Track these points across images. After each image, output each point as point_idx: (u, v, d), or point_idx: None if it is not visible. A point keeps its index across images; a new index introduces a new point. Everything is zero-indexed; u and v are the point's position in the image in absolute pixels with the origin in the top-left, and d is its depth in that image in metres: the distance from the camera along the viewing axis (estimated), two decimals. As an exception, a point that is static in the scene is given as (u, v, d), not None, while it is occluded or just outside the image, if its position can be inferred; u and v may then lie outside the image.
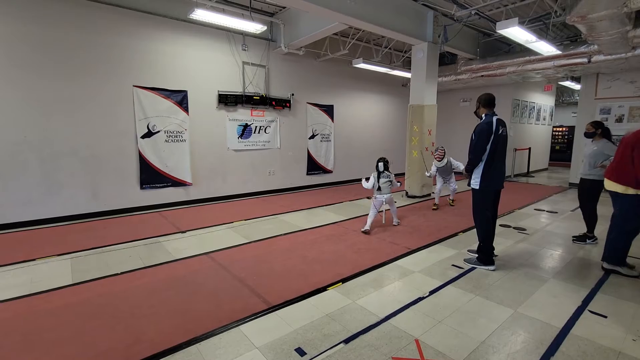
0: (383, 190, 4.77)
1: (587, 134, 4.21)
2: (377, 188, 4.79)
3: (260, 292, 2.97)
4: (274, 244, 4.28)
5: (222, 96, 6.68)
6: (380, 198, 4.78)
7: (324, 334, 2.37)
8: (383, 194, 4.77)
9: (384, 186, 4.75)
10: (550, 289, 3.05)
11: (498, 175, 3.40)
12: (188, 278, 3.28)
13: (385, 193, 4.78)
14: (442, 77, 9.05)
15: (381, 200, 4.78)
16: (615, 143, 3.96)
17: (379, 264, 3.60)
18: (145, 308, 2.71)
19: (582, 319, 2.57)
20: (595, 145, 4.11)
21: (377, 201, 4.78)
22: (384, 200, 4.79)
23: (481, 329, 2.43)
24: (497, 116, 3.40)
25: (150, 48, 5.81)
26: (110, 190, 5.65)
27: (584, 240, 4.30)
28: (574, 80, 10.27)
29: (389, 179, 4.78)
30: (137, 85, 5.71)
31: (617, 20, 4.57)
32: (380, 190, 4.77)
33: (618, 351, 2.19)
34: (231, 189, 7.13)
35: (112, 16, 5.39)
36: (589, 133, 4.19)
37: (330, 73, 8.63)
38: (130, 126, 5.74)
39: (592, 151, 4.12)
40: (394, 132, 10.68)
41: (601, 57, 6.54)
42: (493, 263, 3.50)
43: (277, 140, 7.72)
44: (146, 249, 4.10)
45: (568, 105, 16.10)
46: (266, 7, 6.67)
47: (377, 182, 4.76)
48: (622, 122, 8.01)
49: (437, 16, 6.67)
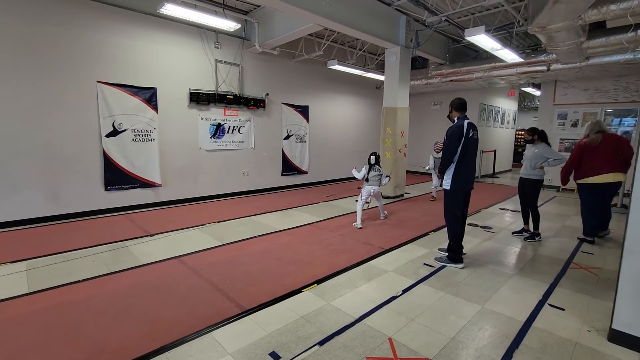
0: (371, 182, 5.13)
1: (527, 140, 4.61)
2: (366, 179, 5.15)
3: (233, 296, 2.90)
4: (248, 246, 4.20)
5: (193, 94, 6.48)
6: (369, 188, 5.12)
7: (299, 336, 2.35)
8: (372, 186, 5.12)
9: (373, 178, 5.11)
10: (514, 285, 3.21)
11: (468, 177, 3.55)
12: (157, 283, 3.14)
13: (373, 185, 5.12)
14: (414, 81, 9.31)
15: (369, 190, 5.12)
16: (551, 145, 4.51)
17: (353, 265, 3.63)
18: (110, 316, 2.57)
19: (543, 312, 2.73)
20: (536, 148, 4.46)
21: (365, 191, 5.14)
22: (371, 191, 5.12)
23: (451, 325, 2.51)
24: (468, 120, 3.54)
25: (117, 43, 5.53)
26: (72, 192, 5.31)
27: (533, 238, 4.55)
28: (535, 87, 10.91)
29: (379, 173, 5.16)
30: (101, 81, 5.41)
31: (573, 32, 4.90)
32: (368, 182, 5.14)
33: (575, 342, 2.34)
34: (203, 190, 6.94)
35: (76, 9, 5.07)
36: (528, 140, 4.58)
37: (305, 74, 8.62)
38: (94, 124, 5.42)
39: (532, 154, 4.47)
40: (368, 134, 10.84)
41: (559, 66, 7.00)
42: (462, 261, 3.64)
43: (251, 140, 7.60)
44: (111, 254, 3.89)
45: (530, 110, 17.10)
46: (240, 4, 6.56)
47: (367, 174, 5.11)
48: (577, 126, 8.62)
49: (409, 21, 6.85)
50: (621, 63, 6.33)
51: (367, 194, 5.15)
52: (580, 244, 4.45)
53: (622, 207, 6.44)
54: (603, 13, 4.48)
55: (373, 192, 5.13)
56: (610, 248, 4.30)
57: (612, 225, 5.43)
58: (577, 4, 3.84)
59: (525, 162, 4.54)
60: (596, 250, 4.23)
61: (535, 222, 4.54)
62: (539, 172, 4.43)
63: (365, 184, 5.19)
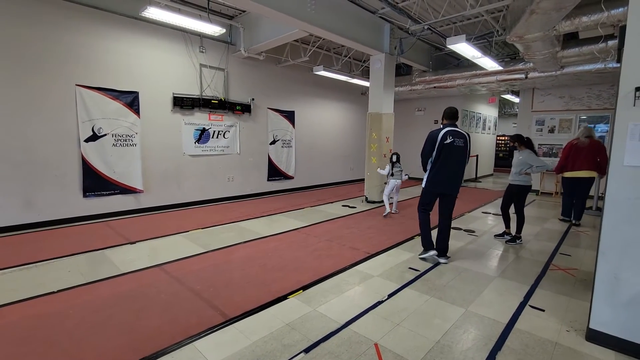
0: (395, 176, 6.16)
1: (511, 147, 4.86)
2: (390, 174, 6.18)
3: (217, 304, 2.84)
4: (233, 253, 4.13)
5: (177, 99, 6.38)
6: (393, 182, 6.12)
7: (284, 344, 2.31)
8: (396, 179, 6.14)
9: (396, 173, 6.17)
10: (496, 287, 3.27)
11: (442, 180, 3.72)
12: (137, 293, 3.04)
13: (397, 178, 6.15)
14: (399, 87, 9.47)
15: (394, 183, 6.13)
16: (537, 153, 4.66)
17: (339, 270, 3.62)
18: (86, 328, 2.46)
19: (524, 313, 2.78)
20: (520, 155, 4.61)
21: (390, 184, 6.17)
22: (396, 183, 6.13)
23: (436, 329, 2.53)
24: (454, 128, 3.72)
25: (98, 45, 5.40)
26: (48, 199, 5.11)
27: (514, 241, 4.66)
28: (514, 94, 11.29)
29: (400, 169, 6.24)
30: (80, 85, 5.26)
31: (548, 42, 5.11)
32: (393, 176, 6.16)
33: (555, 342, 2.39)
34: (187, 196, 6.80)
35: (54, 10, 4.93)
36: (512, 147, 4.80)
37: (291, 79, 8.64)
38: (72, 128, 5.25)
39: (517, 160, 4.65)
40: (354, 139, 10.92)
41: (536, 74, 7.27)
42: (433, 248, 3.89)
43: (236, 145, 7.53)
44: (89, 263, 3.75)
45: (509, 117, 17.67)
46: (225, 9, 6.53)
47: (391, 170, 6.18)
48: (554, 132, 8.95)
49: (393, 29, 6.98)
50: (593, 72, 6.62)
51: (392, 186, 6.14)
52: (559, 246, 4.59)
53: (597, 210, 6.70)
54: (575, 24, 4.69)
55: (397, 184, 6.14)
56: (586, 249, 4.45)
57: (589, 227, 5.64)
58: (552, 16, 4.01)
59: (512, 169, 4.69)
60: (573, 251, 4.37)
61: (519, 226, 4.65)
62: (525, 178, 4.54)
63: (390, 179, 6.18)
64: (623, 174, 2.20)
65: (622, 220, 2.21)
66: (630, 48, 2.14)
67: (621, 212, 2.21)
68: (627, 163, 2.17)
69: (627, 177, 2.18)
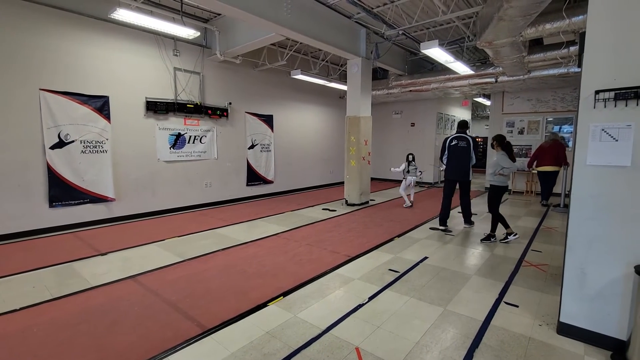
0: (411, 173, 7.04)
1: (492, 144, 4.97)
2: (407, 171, 7.07)
3: (194, 315, 2.74)
4: (211, 261, 4.03)
5: (150, 103, 6.18)
6: (410, 178, 7.05)
7: (264, 353, 2.26)
8: (412, 176, 7.04)
9: (413, 171, 7.05)
10: (473, 285, 3.35)
11: (452, 170, 5.35)
12: (108, 307, 2.89)
13: (413, 175, 7.05)
14: (376, 91, 9.61)
15: (410, 180, 7.05)
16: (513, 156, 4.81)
17: (320, 274, 3.60)
18: (52, 347, 2.31)
19: (500, 310, 2.87)
20: (495, 156, 4.79)
21: (407, 180, 7.09)
22: (412, 180, 7.05)
23: (416, 330, 2.55)
24: (460, 134, 5.26)
25: (64, 48, 5.15)
26: (10, 210, 4.79)
27: (489, 239, 4.79)
28: (485, 97, 11.71)
29: (415, 167, 7.11)
30: (45, 89, 4.99)
31: (516, 47, 5.34)
32: (409, 173, 7.04)
33: (529, 337, 2.47)
34: (162, 204, 6.59)
35: (15, 10, 4.66)
36: (492, 144, 4.94)
37: (269, 83, 8.58)
38: (36, 135, 4.97)
39: (492, 161, 4.88)
40: (333, 142, 10.97)
41: (505, 78, 7.58)
42: (444, 224, 5.37)
43: (214, 150, 7.38)
44: (55, 277, 3.54)
45: (482, 119, 18.32)
46: (200, 12, 6.42)
47: (408, 168, 7.05)
48: (524, 134, 9.35)
49: (369, 34, 7.09)
50: (557, 76, 6.99)
51: (408, 182, 7.05)
52: (530, 243, 4.78)
53: (564, 207, 7.03)
54: (540, 31, 4.94)
55: (413, 181, 7.03)
56: (555, 245, 4.66)
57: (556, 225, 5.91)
58: (518, 22, 4.20)
59: (488, 169, 4.87)
60: (544, 247, 4.56)
61: (493, 224, 4.81)
62: (500, 179, 4.66)
63: (407, 175, 7.06)
64: (586, 172, 2.31)
65: (587, 216, 2.32)
66: (589, 54, 2.27)
67: (586, 208, 2.32)
68: (590, 162, 2.29)
69: (590, 175, 2.30)
